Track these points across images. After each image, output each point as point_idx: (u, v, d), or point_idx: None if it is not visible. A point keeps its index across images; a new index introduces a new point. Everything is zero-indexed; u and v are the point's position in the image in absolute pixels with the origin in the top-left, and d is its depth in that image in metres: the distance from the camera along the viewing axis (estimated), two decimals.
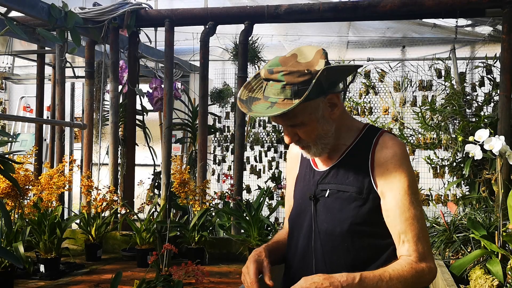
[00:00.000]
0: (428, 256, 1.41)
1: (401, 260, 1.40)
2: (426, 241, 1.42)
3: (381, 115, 4.83)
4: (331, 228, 1.47)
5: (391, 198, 1.42)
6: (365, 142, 1.49)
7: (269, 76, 1.37)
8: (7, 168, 1.65)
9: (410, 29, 4.93)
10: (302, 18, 3.52)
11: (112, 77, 3.73)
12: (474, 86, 4.36)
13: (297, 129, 1.44)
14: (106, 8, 3.56)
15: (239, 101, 1.43)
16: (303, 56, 1.40)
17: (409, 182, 1.42)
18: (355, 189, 1.45)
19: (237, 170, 3.56)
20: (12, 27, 2.69)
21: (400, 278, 1.34)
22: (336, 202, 1.48)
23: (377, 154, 1.45)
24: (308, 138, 1.45)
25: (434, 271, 1.42)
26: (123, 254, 3.32)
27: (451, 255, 2.72)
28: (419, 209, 1.42)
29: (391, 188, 1.42)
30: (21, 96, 6.30)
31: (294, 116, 1.39)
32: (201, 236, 3.16)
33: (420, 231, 1.41)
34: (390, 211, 1.42)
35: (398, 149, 1.45)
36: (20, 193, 2.67)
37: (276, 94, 1.36)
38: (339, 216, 1.46)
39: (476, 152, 2.54)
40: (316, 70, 1.36)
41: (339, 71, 1.45)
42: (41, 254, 2.85)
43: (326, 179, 1.51)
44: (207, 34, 3.60)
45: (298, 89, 1.34)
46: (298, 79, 1.35)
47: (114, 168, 3.74)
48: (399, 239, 1.41)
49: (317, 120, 1.43)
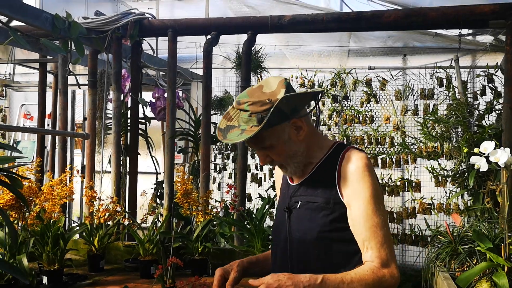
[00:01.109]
0: (390, 262, 1.50)
1: (364, 266, 1.50)
2: (389, 247, 1.51)
3: (383, 124, 4.84)
4: (302, 237, 1.61)
5: (355, 208, 1.53)
6: (333, 158, 1.63)
7: (238, 107, 1.56)
8: (14, 183, 1.64)
9: (411, 38, 4.95)
10: (306, 29, 3.52)
11: (114, 86, 3.73)
12: (475, 95, 4.37)
13: (268, 151, 1.61)
14: (110, 18, 3.56)
15: (218, 130, 1.60)
16: (268, 86, 1.56)
17: (372, 192, 1.53)
18: (323, 199, 1.59)
19: (240, 181, 3.55)
20: (16, 37, 2.68)
21: (361, 282, 1.44)
22: (306, 212, 1.62)
23: (343, 167, 1.58)
24: (279, 158, 1.62)
25: (395, 277, 1.50)
26: (125, 265, 3.30)
27: (457, 267, 2.71)
28: (382, 217, 1.53)
29: (356, 198, 1.54)
30: (22, 104, 6.30)
31: (262, 140, 1.56)
32: (204, 247, 3.15)
33: (383, 238, 1.51)
34: (355, 220, 1.53)
35: (361, 162, 1.56)
36: (26, 207, 2.66)
37: (245, 122, 1.54)
38: (309, 225, 1.60)
39: (482, 164, 2.54)
40: (277, 98, 1.52)
41: (298, 99, 1.59)
42: (44, 266, 2.83)
43: (298, 191, 1.67)
44: (210, 44, 3.60)
45: (262, 116, 1.51)
46: (260, 108, 1.51)
47: (116, 177, 3.73)
48: (364, 246, 1.52)
49: (284, 143, 1.59)
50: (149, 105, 4.16)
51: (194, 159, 4.37)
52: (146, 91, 4.82)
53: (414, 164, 4.60)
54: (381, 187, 4.69)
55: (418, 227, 4.53)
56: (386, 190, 4.70)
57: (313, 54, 5.16)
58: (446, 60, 4.59)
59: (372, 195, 1.53)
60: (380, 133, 4.82)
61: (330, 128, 5.01)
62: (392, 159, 4.70)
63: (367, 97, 4.91)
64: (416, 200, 4.51)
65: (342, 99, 4.97)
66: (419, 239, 4.52)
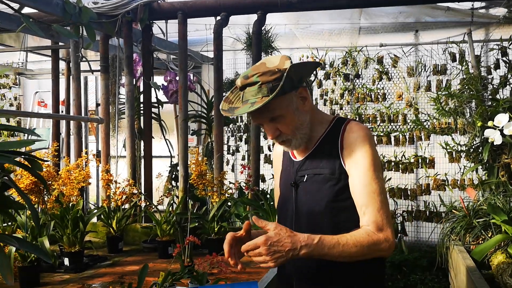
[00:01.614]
0: (385, 226, 1.55)
1: (361, 229, 1.55)
2: (385, 213, 1.56)
3: (395, 101, 4.81)
4: (311, 208, 1.65)
5: (355, 175, 1.59)
6: (334, 131, 1.68)
7: (246, 82, 1.58)
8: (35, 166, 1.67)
9: (423, 13, 4.88)
10: (316, 6, 3.50)
11: (126, 71, 3.75)
12: (489, 69, 4.31)
13: (277, 123, 1.63)
14: (119, 2, 3.56)
15: (222, 111, 1.65)
16: (270, 62, 1.60)
17: (372, 160, 1.59)
18: (328, 170, 1.64)
19: (254, 161, 3.57)
20: (28, 24, 2.70)
21: (356, 243, 1.49)
22: (313, 184, 1.66)
23: (345, 138, 1.64)
24: (288, 130, 1.64)
25: (390, 241, 1.54)
26: (144, 246, 3.37)
27: (471, 240, 2.72)
28: (380, 184, 1.59)
29: (356, 166, 1.59)
30: (35, 91, 6.36)
31: (273, 109, 1.59)
32: (220, 226, 3.20)
33: (380, 204, 1.56)
34: (355, 186, 1.59)
35: (362, 132, 1.63)
36: (47, 189, 2.72)
37: (254, 95, 1.56)
38: (316, 196, 1.64)
39: (496, 137, 2.53)
40: (285, 68, 1.56)
41: (304, 67, 1.67)
42: (65, 248, 2.90)
43: (303, 166, 1.71)
44: (220, 25, 3.60)
45: (273, 85, 1.54)
46: (271, 77, 1.55)
47: (132, 161, 3.78)
48: (361, 210, 1.57)
49: (293, 112, 1.62)
50: (162, 89, 4.19)
51: (207, 141, 4.40)
52: (158, 75, 4.84)
53: (427, 141, 4.59)
54: (395, 164, 4.71)
55: (432, 204, 4.54)
56: (399, 168, 4.71)
57: (324, 33, 5.12)
58: (459, 35, 4.53)
59: (372, 163, 1.58)
60: (392, 111, 4.79)
61: (342, 107, 5.00)
62: (405, 136, 4.69)
63: (379, 74, 4.88)
64: (430, 177, 4.50)
65: (353, 77, 4.94)
66: (434, 215, 4.53)
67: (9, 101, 6.22)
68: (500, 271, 2.37)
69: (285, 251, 1.42)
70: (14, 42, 4.58)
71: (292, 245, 1.43)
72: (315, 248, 1.45)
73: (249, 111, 1.54)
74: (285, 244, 1.42)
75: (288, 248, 1.42)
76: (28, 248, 1.72)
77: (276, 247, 1.42)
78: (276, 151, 1.91)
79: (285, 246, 1.42)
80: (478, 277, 2.26)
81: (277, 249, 1.42)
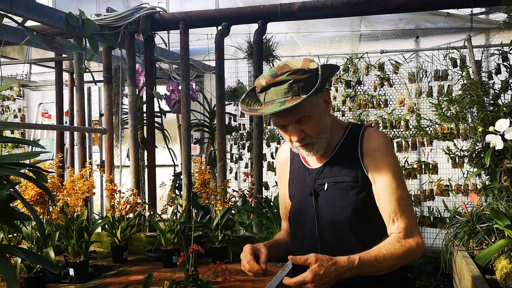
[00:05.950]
0: (415, 231, 1.58)
1: (391, 238, 1.56)
2: (413, 218, 1.59)
3: (397, 107, 4.83)
4: (335, 217, 1.63)
5: (380, 183, 1.59)
6: (352, 137, 1.66)
7: (273, 80, 1.53)
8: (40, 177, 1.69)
9: (423, 19, 4.91)
10: (316, 15, 3.53)
11: (129, 81, 3.79)
12: (490, 74, 4.33)
13: (303, 124, 1.59)
14: (122, 14, 3.60)
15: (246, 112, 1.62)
16: (293, 64, 1.57)
17: (395, 168, 1.60)
18: (351, 178, 1.62)
19: (257, 169, 3.59)
20: (32, 37, 2.74)
21: (393, 256, 1.51)
22: (335, 193, 1.64)
23: (365, 145, 1.63)
24: (313, 132, 1.60)
25: (421, 245, 1.58)
26: (148, 255, 3.38)
27: (475, 245, 2.72)
28: (405, 191, 1.61)
29: (380, 174, 1.59)
30: (39, 103, 6.40)
31: (302, 110, 1.55)
32: (224, 235, 3.20)
33: (407, 210, 1.58)
34: (380, 194, 1.59)
35: (383, 139, 1.63)
36: (52, 200, 2.74)
37: (284, 94, 1.51)
38: (341, 205, 1.62)
39: (497, 142, 2.54)
40: (315, 68, 1.54)
41: (331, 69, 1.66)
42: (70, 258, 2.91)
43: (322, 174, 1.68)
44: (221, 34, 3.63)
45: (304, 84, 1.51)
46: (302, 76, 1.52)
47: (135, 170, 3.80)
48: (389, 218, 1.58)
49: (319, 114, 1.60)
50: (164, 98, 4.22)
51: (210, 149, 4.42)
52: (160, 84, 4.88)
53: (430, 146, 4.59)
54: None
55: (436, 209, 4.54)
56: (403, 174, 4.71)
57: (325, 40, 5.15)
58: (459, 40, 4.55)
59: (395, 170, 1.59)
60: (394, 117, 4.81)
61: (344, 114, 5.02)
62: (408, 142, 4.70)
63: (380, 81, 4.89)
64: (434, 182, 4.50)
65: (355, 84, 4.96)
66: (438, 221, 4.52)
67: (13, 112, 6.27)
68: (504, 276, 2.37)
69: (331, 280, 1.43)
70: (18, 55, 4.63)
71: (336, 273, 1.43)
72: (356, 269, 1.46)
73: (280, 109, 1.50)
74: (331, 274, 1.42)
75: (334, 276, 1.43)
76: (33, 258, 1.74)
77: (323, 279, 1.42)
78: (280, 158, 1.86)
79: (331, 276, 1.42)
80: (482, 283, 2.26)
81: (324, 281, 1.42)
